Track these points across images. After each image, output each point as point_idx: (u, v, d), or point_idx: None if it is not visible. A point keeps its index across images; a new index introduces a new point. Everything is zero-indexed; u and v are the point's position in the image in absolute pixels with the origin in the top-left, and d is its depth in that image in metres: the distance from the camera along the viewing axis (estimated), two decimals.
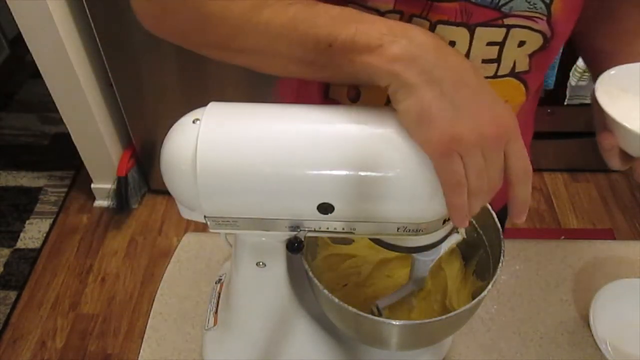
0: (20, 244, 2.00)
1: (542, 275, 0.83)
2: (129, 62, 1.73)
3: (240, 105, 0.47)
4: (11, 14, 1.55)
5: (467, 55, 0.62)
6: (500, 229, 0.60)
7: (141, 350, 0.74)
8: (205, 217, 0.48)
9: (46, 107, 2.36)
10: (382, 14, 0.56)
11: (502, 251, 0.58)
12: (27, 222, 2.07)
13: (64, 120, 1.86)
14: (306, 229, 0.48)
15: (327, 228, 0.48)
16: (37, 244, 1.99)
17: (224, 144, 0.44)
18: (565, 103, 1.94)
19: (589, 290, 0.80)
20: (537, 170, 2.23)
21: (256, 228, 0.49)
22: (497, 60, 0.62)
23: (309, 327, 0.66)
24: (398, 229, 0.46)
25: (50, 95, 1.77)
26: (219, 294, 0.72)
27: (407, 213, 0.45)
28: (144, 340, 0.75)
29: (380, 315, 0.58)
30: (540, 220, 2.06)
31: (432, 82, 0.40)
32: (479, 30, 0.58)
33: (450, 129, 0.40)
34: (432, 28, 0.57)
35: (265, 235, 0.52)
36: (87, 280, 1.88)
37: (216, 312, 0.70)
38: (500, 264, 0.57)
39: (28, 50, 1.64)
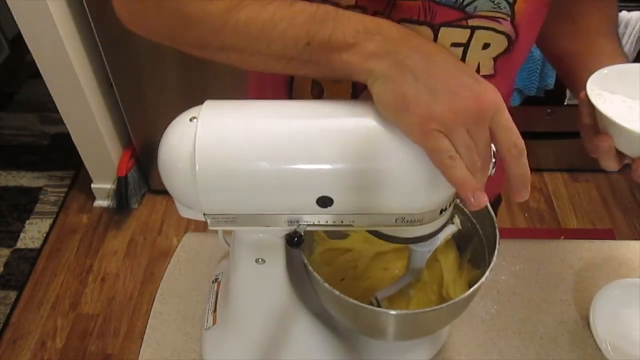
0: (20, 244, 2.00)
1: (542, 275, 0.83)
2: (129, 62, 1.73)
3: (236, 102, 0.47)
4: (11, 14, 1.55)
5: None
6: (494, 217, 0.60)
7: (141, 350, 0.74)
8: (204, 214, 0.48)
9: (46, 107, 2.36)
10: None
11: (497, 238, 0.59)
12: (27, 222, 2.07)
13: (64, 120, 1.86)
14: (305, 223, 0.48)
15: (327, 221, 0.48)
16: (37, 244, 1.99)
17: (221, 140, 0.44)
18: (565, 103, 1.95)
19: (589, 290, 0.80)
20: (537, 170, 2.23)
21: (255, 224, 0.49)
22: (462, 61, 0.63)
23: (308, 323, 0.66)
24: (396, 220, 0.47)
25: (50, 95, 1.77)
26: (217, 293, 0.72)
27: (405, 203, 0.46)
28: (144, 340, 0.75)
29: (379, 306, 0.58)
30: (540, 220, 2.06)
31: (406, 71, 0.42)
32: (443, 31, 0.58)
33: (428, 111, 0.41)
34: None
35: (263, 231, 0.52)
36: (87, 280, 1.88)
37: (214, 311, 0.70)
38: (495, 252, 0.57)
39: (28, 50, 1.64)
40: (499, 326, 0.77)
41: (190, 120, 0.45)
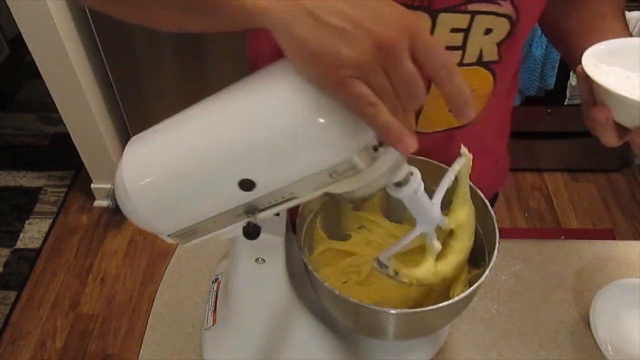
0: (20, 244, 2.00)
1: (542, 275, 0.83)
2: (129, 62, 1.73)
3: (155, 127, 0.49)
4: (11, 14, 1.55)
5: None
6: (494, 216, 0.60)
7: (141, 351, 0.74)
8: (168, 236, 0.52)
9: (46, 107, 2.36)
10: None
11: (497, 238, 0.58)
12: (27, 222, 2.07)
13: (64, 120, 1.86)
14: (257, 210, 0.48)
15: (269, 203, 0.47)
16: (36, 244, 1.99)
17: (143, 168, 0.48)
18: (565, 103, 1.95)
19: (589, 290, 0.80)
20: (537, 170, 2.23)
21: (215, 228, 0.50)
22: (462, 47, 0.62)
23: (308, 323, 0.66)
24: (331, 175, 0.44)
25: (50, 95, 1.77)
26: (217, 293, 0.72)
27: (324, 156, 0.42)
28: (143, 340, 0.75)
29: (386, 268, 0.55)
30: (540, 220, 2.06)
31: (303, 13, 0.38)
32: (442, 16, 0.57)
33: (335, 58, 0.37)
34: None
35: (226, 233, 0.52)
36: (87, 280, 1.88)
37: (214, 311, 0.70)
38: (495, 252, 0.57)
39: (28, 50, 1.64)
40: (499, 326, 0.77)
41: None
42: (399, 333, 0.61)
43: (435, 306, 0.54)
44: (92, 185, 2.09)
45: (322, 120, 0.40)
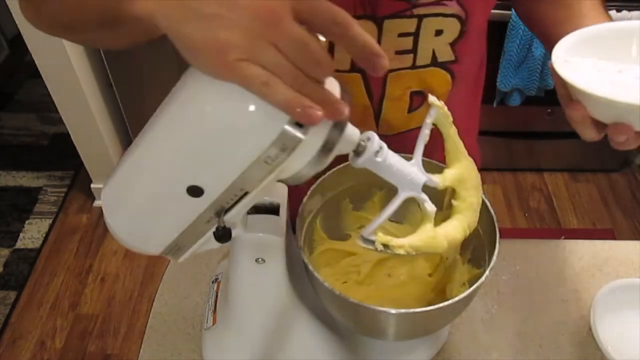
0: (19, 244, 1.99)
1: (542, 275, 0.83)
2: (129, 62, 1.73)
3: (121, 158, 0.52)
4: (11, 14, 1.55)
5: None
6: (494, 216, 0.60)
7: (141, 351, 0.74)
8: (159, 254, 0.53)
9: (46, 107, 2.36)
10: None
11: (497, 238, 0.58)
12: (27, 222, 2.07)
13: (64, 120, 1.86)
14: (222, 212, 0.48)
15: (227, 203, 0.47)
16: (36, 244, 1.99)
17: (117, 204, 0.52)
18: None
19: (589, 291, 0.80)
20: (537, 170, 2.23)
21: (195, 238, 0.51)
22: (413, 50, 0.61)
23: (308, 323, 0.66)
24: (266, 161, 0.42)
25: (50, 95, 1.77)
26: (217, 293, 0.72)
27: (251, 143, 0.41)
28: (144, 340, 0.75)
29: (372, 244, 0.52)
30: (540, 220, 2.06)
31: (182, 12, 0.37)
32: (387, 23, 0.57)
33: (217, 45, 0.37)
34: None
35: (210, 242, 0.52)
36: (86, 280, 1.88)
37: (215, 311, 0.70)
38: (495, 252, 0.57)
39: (28, 50, 1.64)
40: (499, 326, 0.77)
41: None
42: (398, 333, 0.61)
43: (435, 306, 0.54)
44: (92, 185, 2.09)
45: (245, 100, 0.39)
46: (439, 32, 0.60)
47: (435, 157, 0.59)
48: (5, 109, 2.55)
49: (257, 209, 0.58)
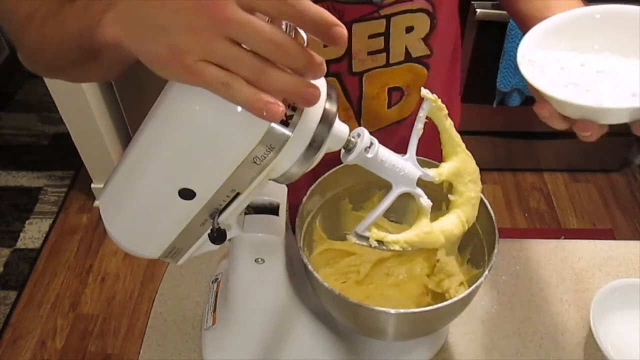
0: (20, 244, 2.00)
1: (542, 275, 0.83)
2: None
3: (116, 165, 0.52)
4: None
5: (349, 50, 0.60)
6: (494, 216, 0.60)
7: (141, 351, 0.74)
8: (159, 258, 0.54)
9: (46, 107, 2.36)
10: None
11: (496, 238, 0.58)
12: (27, 222, 2.07)
13: (64, 120, 1.86)
14: (216, 213, 0.48)
15: (220, 204, 0.47)
16: (37, 244, 1.99)
17: (114, 211, 0.52)
18: None
19: (589, 290, 0.80)
20: (537, 170, 2.23)
21: (192, 240, 0.51)
22: (385, 49, 0.61)
23: (308, 323, 0.66)
24: (255, 161, 0.42)
25: (50, 95, 1.77)
26: (217, 293, 0.72)
27: (238, 143, 0.41)
28: (144, 340, 0.76)
29: (366, 240, 0.52)
30: (540, 220, 2.06)
31: (139, 30, 0.38)
32: (356, 27, 0.57)
33: (171, 51, 0.36)
34: None
35: (207, 244, 0.52)
36: (87, 280, 1.88)
37: (214, 311, 0.70)
38: (495, 252, 0.57)
39: None
40: (499, 326, 0.77)
41: None
42: (398, 333, 0.61)
43: (435, 306, 0.54)
44: (92, 185, 2.09)
45: (225, 104, 0.39)
46: (409, 29, 0.60)
47: (432, 153, 0.59)
48: (6, 109, 2.55)
49: (257, 209, 0.58)
